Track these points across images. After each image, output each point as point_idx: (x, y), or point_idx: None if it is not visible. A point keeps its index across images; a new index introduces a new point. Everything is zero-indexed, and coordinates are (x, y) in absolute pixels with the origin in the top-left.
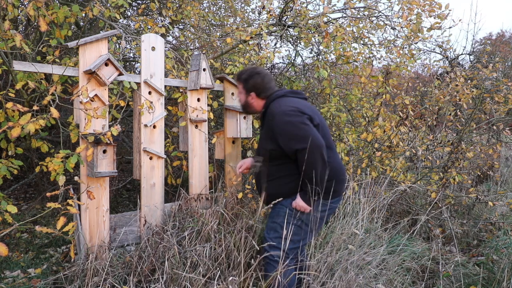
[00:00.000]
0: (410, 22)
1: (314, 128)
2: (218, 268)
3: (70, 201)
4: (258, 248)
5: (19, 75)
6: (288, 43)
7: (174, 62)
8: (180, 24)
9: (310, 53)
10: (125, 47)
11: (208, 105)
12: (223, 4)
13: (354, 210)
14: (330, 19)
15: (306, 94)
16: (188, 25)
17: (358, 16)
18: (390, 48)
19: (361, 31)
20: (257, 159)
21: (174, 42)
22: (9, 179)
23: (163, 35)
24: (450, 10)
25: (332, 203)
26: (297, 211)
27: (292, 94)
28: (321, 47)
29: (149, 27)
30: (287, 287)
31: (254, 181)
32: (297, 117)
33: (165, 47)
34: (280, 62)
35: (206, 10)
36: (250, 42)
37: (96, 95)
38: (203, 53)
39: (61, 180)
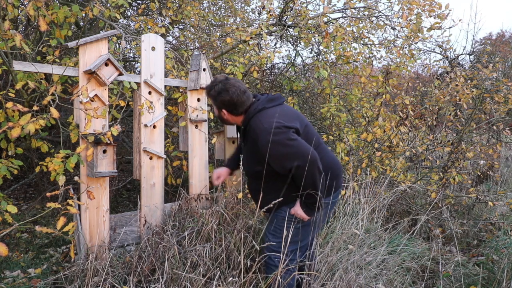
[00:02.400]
0: (410, 22)
1: (302, 140)
2: (218, 268)
3: (70, 201)
4: (259, 248)
5: (19, 75)
6: (288, 43)
7: (174, 62)
8: (180, 24)
9: (310, 53)
10: (125, 47)
11: (208, 105)
12: (223, 4)
13: (354, 210)
14: (330, 19)
15: (283, 97)
16: (188, 25)
17: (358, 16)
18: (390, 48)
19: (361, 31)
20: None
21: (174, 42)
22: (9, 179)
23: (163, 35)
24: (450, 10)
25: (331, 199)
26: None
27: (270, 103)
28: (321, 47)
29: (149, 27)
30: None
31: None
32: (283, 134)
33: (165, 47)
34: (280, 62)
35: (206, 10)
36: (250, 42)
37: (96, 95)
38: (203, 53)
39: (61, 180)
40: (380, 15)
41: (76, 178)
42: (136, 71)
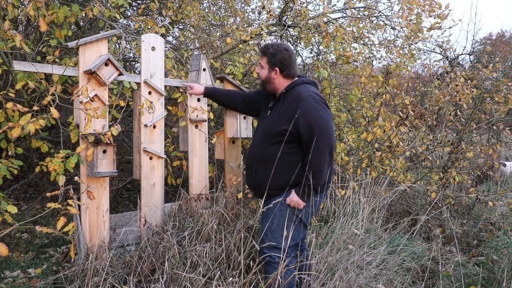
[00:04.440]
0: (410, 22)
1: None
2: (218, 268)
3: (70, 201)
4: (259, 248)
5: (19, 75)
6: (288, 43)
7: (174, 62)
8: (180, 24)
9: (310, 53)
10: (125, 47)
11: (208, 105)
12: (223, 4)
13: (354, 210)
14: (330, 19)
15: None
16: (188, 25)
17: (358, 16)
18: (390, 48)
19: (361, 31)
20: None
21: (174, 42)
22: (9, 179)
23: (163, 35)
24: (450, 10)
25: (318, 197)
26: (291, 207)
27: (314, 83)
28: (321, 47)
29: (149, 27)
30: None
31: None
32: (325, 109)
33: (165, 47)
34: None
35: (206, 10)
36: (250, 42)
37: (96, 95)
38: (203, 53)
39: (61, 180)
40: (380, 15)
41: (76, 178)
42: (136, 71)
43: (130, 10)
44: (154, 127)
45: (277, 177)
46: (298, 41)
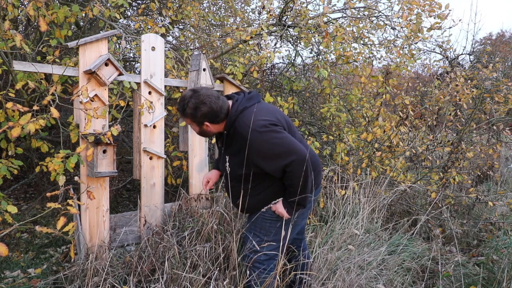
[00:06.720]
0: (410, 22)
1: (290, 136)
2: (218, 268)
3: (70, 201)
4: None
5: (19, 75)
6: (288, 43)
7: (174, 62)
8: (180, 24)
9: (310, 53)
10: (125, 47)
11: None
12: (223, 4)
13: (354, 210)
14: (330, 19)
15: (259, 94)
16: (188, 25)
17: (358, 16)
18: (390, 48)
19: (361, 31)
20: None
21: (174, 42)
22: (9, 179)
23: (163, 35)
24: (450, 10)
25: (312, 196)
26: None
27: (249, 102)
28: (321, 47)
29: (149, 27)
30: None
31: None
32: (272, 132)
33: (165, 47)
34: (280, 62)
35: (206, 10)
36: (250, 42)
37: (96, 95)
38: (203, 53)
39: (61, 180)
40: (380, 15)
41: (76, 178)
42: (136, 71)
43: (130, 10)
44: (154, 127)
45: (260, 202)
46: (298, 41)
